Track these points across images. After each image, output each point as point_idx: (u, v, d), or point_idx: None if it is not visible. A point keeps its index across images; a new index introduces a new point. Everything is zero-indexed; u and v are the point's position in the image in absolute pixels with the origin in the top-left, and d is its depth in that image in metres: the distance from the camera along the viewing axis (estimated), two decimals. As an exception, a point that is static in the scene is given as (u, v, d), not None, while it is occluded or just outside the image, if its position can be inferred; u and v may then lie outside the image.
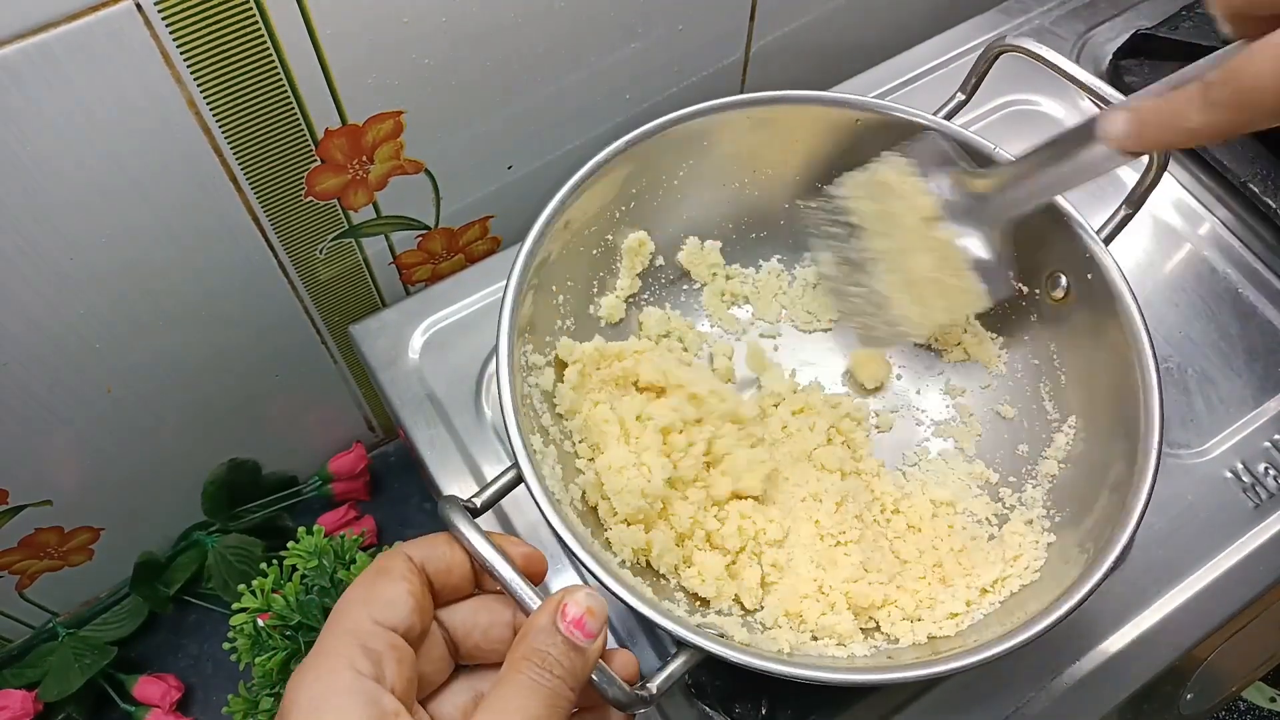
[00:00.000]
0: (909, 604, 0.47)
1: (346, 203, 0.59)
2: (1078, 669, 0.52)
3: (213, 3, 0.44)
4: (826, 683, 0.40)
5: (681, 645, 0.39)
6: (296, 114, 0.51)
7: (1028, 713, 0.51)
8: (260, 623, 0.55)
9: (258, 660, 0.55)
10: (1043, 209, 0.48)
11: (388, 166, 0.58)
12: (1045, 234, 0.51)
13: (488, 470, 0.57)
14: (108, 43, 0.43)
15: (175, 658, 0.72)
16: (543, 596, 0.36)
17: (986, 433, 0.54)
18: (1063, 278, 0.51)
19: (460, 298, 0.63)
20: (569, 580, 0.53)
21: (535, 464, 0.43)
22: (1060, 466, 0.50)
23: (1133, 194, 0.50)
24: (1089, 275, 0.49)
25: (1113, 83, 0.68)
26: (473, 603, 0.39)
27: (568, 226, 0.50)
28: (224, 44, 0.46)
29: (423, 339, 0.61)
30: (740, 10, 0.65)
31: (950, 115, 0.53)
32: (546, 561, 0.40)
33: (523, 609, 0.36)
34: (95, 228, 0.50)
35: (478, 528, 0.38)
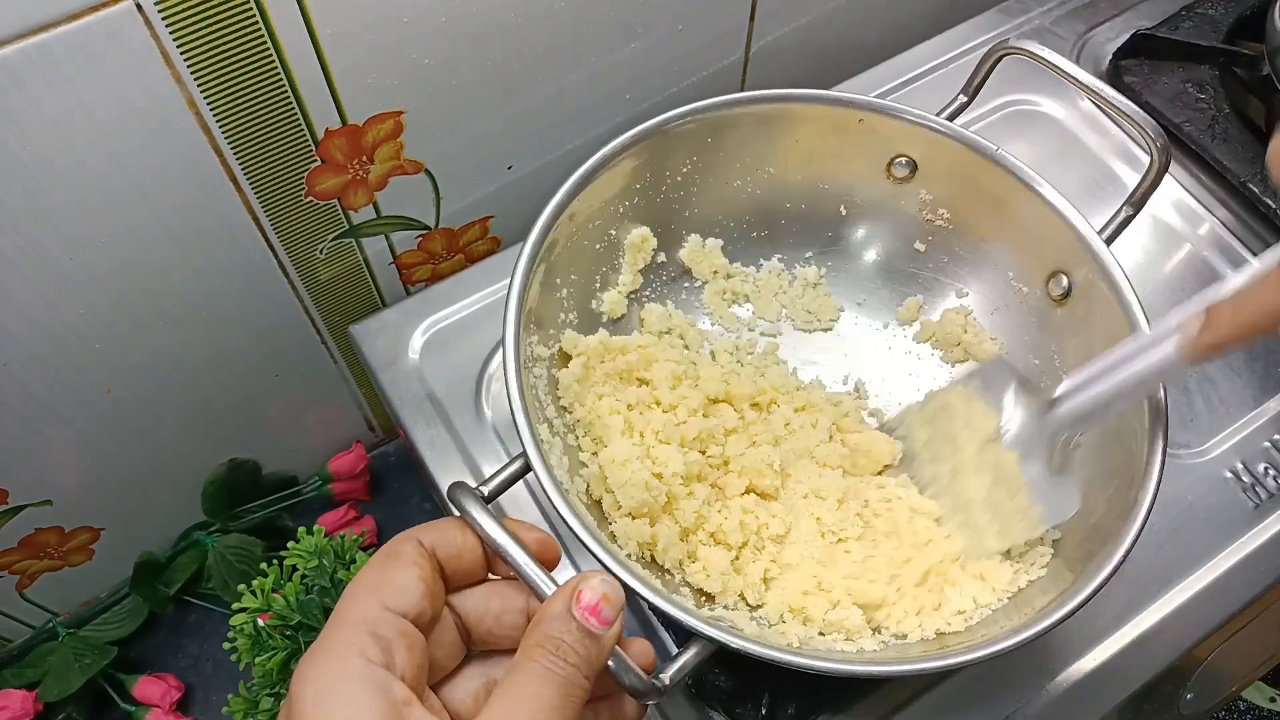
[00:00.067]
0: (912, 602, 0.47)
1: (346, 203, 0.59)
2: (1078, 669, 0.52)
3: (213, 3, 0.44)
4: (838, 674, 0.40)
5: (693, 636, 0.39)
6: (296, 114, 0.51)
7: (1028, 713, 0.51)
8: (260, 623, 0.55)
9: (258, 660, 0.55)
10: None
11: (388, 166, 0.58)
12: (1049, 235, 0.51)
13: (488, 470, 0.57)
14: (108, 43, 0.43)
15: (175, 658, 0.72)
16: (557, 582, 0.35)
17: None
18: (1064, 278, 0.51)
19: (460, 298, 0.63)
20: (574, 574, 0.53)
21: (543, 453, 0.43)
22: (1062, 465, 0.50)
23: (1134, 194, 0.50)
24: (1090, 275, 0.49)
25: (1113, 83, 0.68)
26: (485, 588, 0.38)
27: (573, 219, 0.50)
28: (224, 44, 0.46)
29: (423, 339, 0.61)
30: (740, 10, 0.65)
31: (953, 117, 0.53)
32: (560, 548, 0.39)
33: (537, 595, 0.35)
34: (95, 228, 0.50)
35: (490, 513, 0.37)
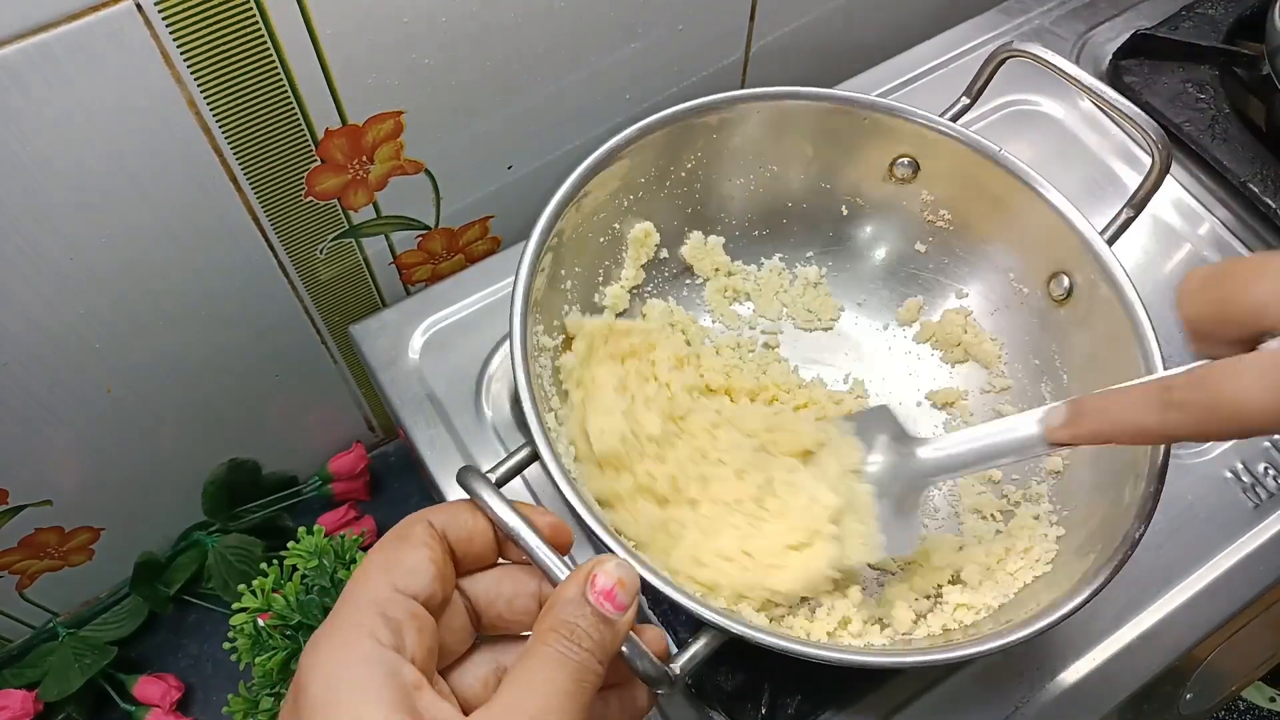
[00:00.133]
0: (918, 596, 0.47)
1: (346, 203, 0.59)
2: (1078, 668, 0.52)
3: (213, 3, 0.44)
4: (847, 664, 0.40)
5: (702, 627, 0.39)
6: (296, 114, 0.51)
7: (1028, 712, 0.51)
8: (260, 623, 0.55)
9: (258, 660, 0.55)
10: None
11: (388, 166, 0.58)
12: (1051, 235, 0.51)
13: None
14: (108, 43, 0.43)
15: (175, 658, 0.72)
16: (570, 566, 0.35)
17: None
18: (1065, 278, 0.51)
19: (460, 298, 0.63)
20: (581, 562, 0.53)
21: (550, 440, 0.42)
22: (1064, 463, 0.50)
23: (1134, 196, 0.50)
24: (1092, 275, 0.49)
25: (1113, 83, 0.69)
26: (496, 572, 0.37)
27: (579, 210, 0.50)
28: (224, 44, 0.46)
29: (423, 339, 0.61)
30: (740, 10, 0.65)
31: (955, 119, 0.53)
32: (572, 532, 0.38)
33: (550, 579, 0.35)
34: (95, 228, 0.50)
35: (502, 496, 0.36)
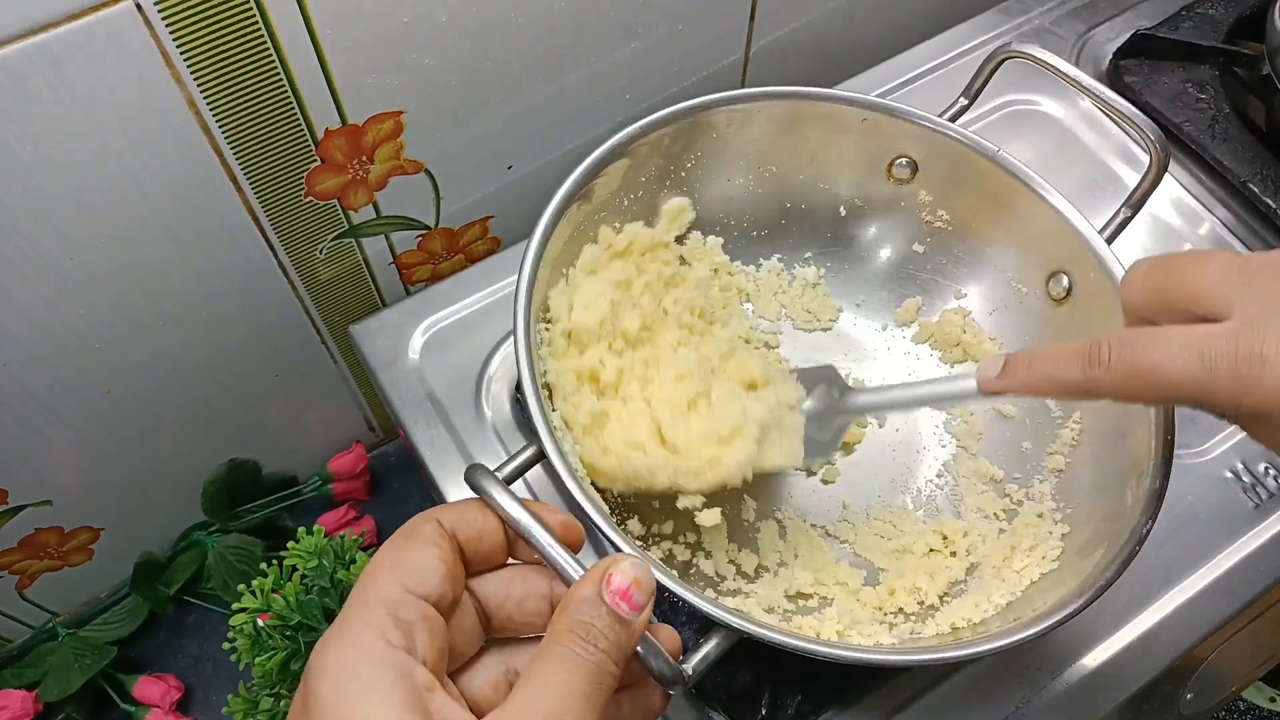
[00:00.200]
0: (924, 596, 0.47)
1: (346, 203, 0.59)
2: (1078, 669, 0.52)
3: (213, 3, 0.44)
4: (859, 663, 0.40)
5: (714, 627, 0.38)
6: (296, 114, 0.51)
7: (1028, 712, 0.51)
8: (260, 623, 0.55)
9: (258, 660, 0.55)
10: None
11: (388, 166, 0.58)
12: (1049, 235, 0.51)
13: (488, 470, 0.57)
14: (108, 43, 0.43)
15: (175, 658, 0.72)
16: (584, 566, 0.34)
17: (988, 431, 0.54)
18: (1065, 277, 0.51)
19: (460, 298, 0.63)
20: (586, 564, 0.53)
21: (557, 440, 0.42)
22: (1067, 461, 0.50)
23: (1132, 195, 0.51)
24: (1091, 274, 0.49)
25: (1113, 83, 0.68)
26: (506, 572, 0.37)
27: (580, 208, 0.50)
28: (224, 44, 0.46)
29: (423, 339, 0.61)
30: (740, 10, 0.65)
31: (953, 120, 0.53)
32: (583, 530, 0.38)
33: (563, 579, 0.34)
34: (95, 228, 0.50)
35: (512, 494, 0.36)
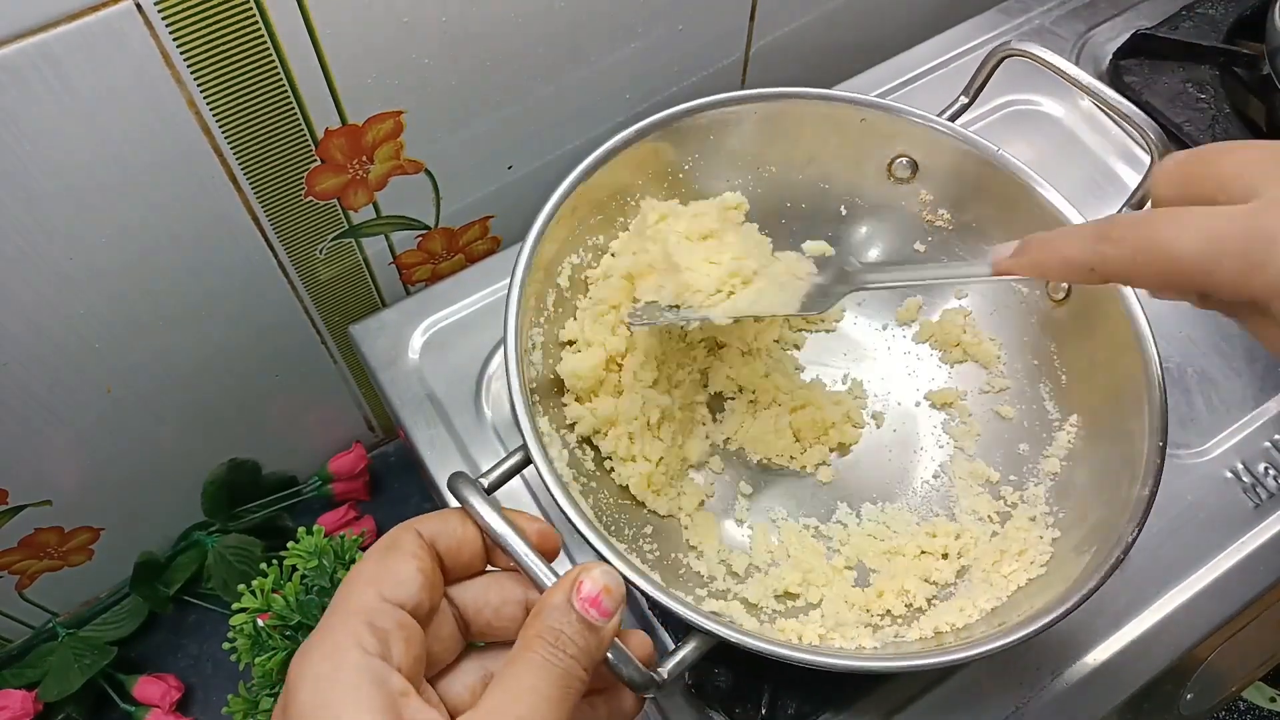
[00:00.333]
0: (911, 599, 0.47)
1: (346, 203, 0.59)
2: (1078, 668, 0.52)
3: (213, 3, 0.44)
4: (834, 669, 0.40)
5: (691, 631, 0.39)
6: (296, 114, 0.51)
7: (1028, 712, 0.51)
8: (260, 623, 0.55)
9: (258, 660, 0.55)
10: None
11: (388, 166, 0.58)
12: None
13: (488, 470, 0.57)
14: (108, 43, 0.43)
15: (175, 658, 0.72)
16: (557, 573, 0.35)
17: (986, 433, 0.54)
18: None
19: (460, 298, 0.63)
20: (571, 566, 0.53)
21: (544, 444, 0.43)
22: (1062, 464, 0.50)
23: (1133, 195, 0.51)
24: (1090, 275, 0.49)
25: (1113, 83, 0.68)
26: (484, 580, 0.38)
27: (574, 213, 0.50)
28: (224, 44, 0.46)
29: (423, 339, 0.61)
30: (740, 10, 0.65)
31: (954, 118, 0.53)
32: (560, 539, 0.39)
33: (537, 586, 0.35)
34: (95, 228, 0.50)
35: (491, 502, 0.37)
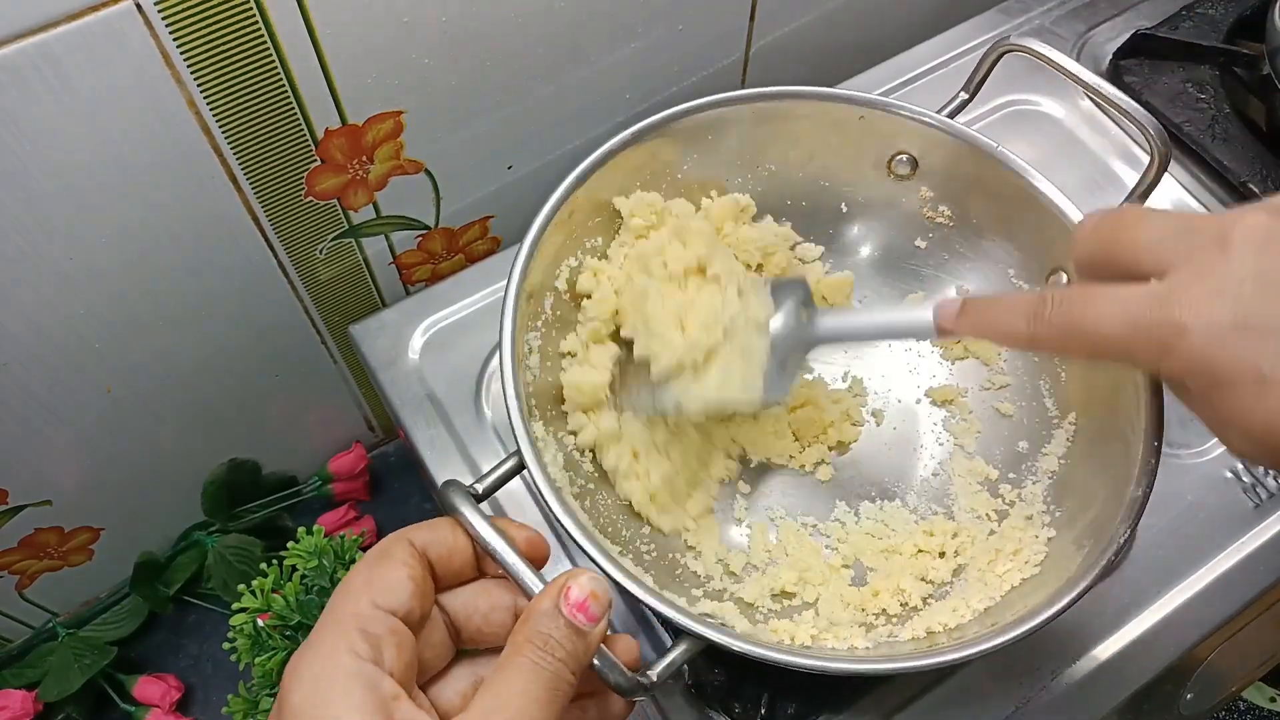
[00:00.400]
0: (907, 598, 0.47)
1: (346, 203, 0.59)
2: (1078, 668, 0.52)
3: (213, 3, 0.44)
4: (824, 671, 0.40)
5: (682, 634, 0.39)
6: (296, 114, 0.51)
7: (1028, 712, 0.51)
8: (260, 623, 0.55)
9: (258, 660, 0.55)
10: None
11: (388, 166, 0.58)
12: (1049, 232, 0.51)
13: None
14: (108, 43, 0.43)
15: (175, 658, 0.72)
16: (545, 580, 0.36)
17: (986, 430, 0.54)
18: (1064, 275, 0.51)
19: (460, 298, 0.63)
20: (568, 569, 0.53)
21: (537, 450, 0.43)
22: (1060, 463, 0.50)
23: (1134, 192, 0.50)
24: (1089, 273, 0.49)
25: (1113, 83, 0.68)
26: (474, 587, 0.39)
27: (571, 218, 0.50)
28: (224, 44, 0.46)
29: (423, 339, 0.61)
30: (740, 10, 0.65)
31: (954, 114, 0.53)
32: (548, 545, 0.40)
33: (525, 592, 0.36)
34: (95, 228, 0.50)
35: (480, 511, 0.37)
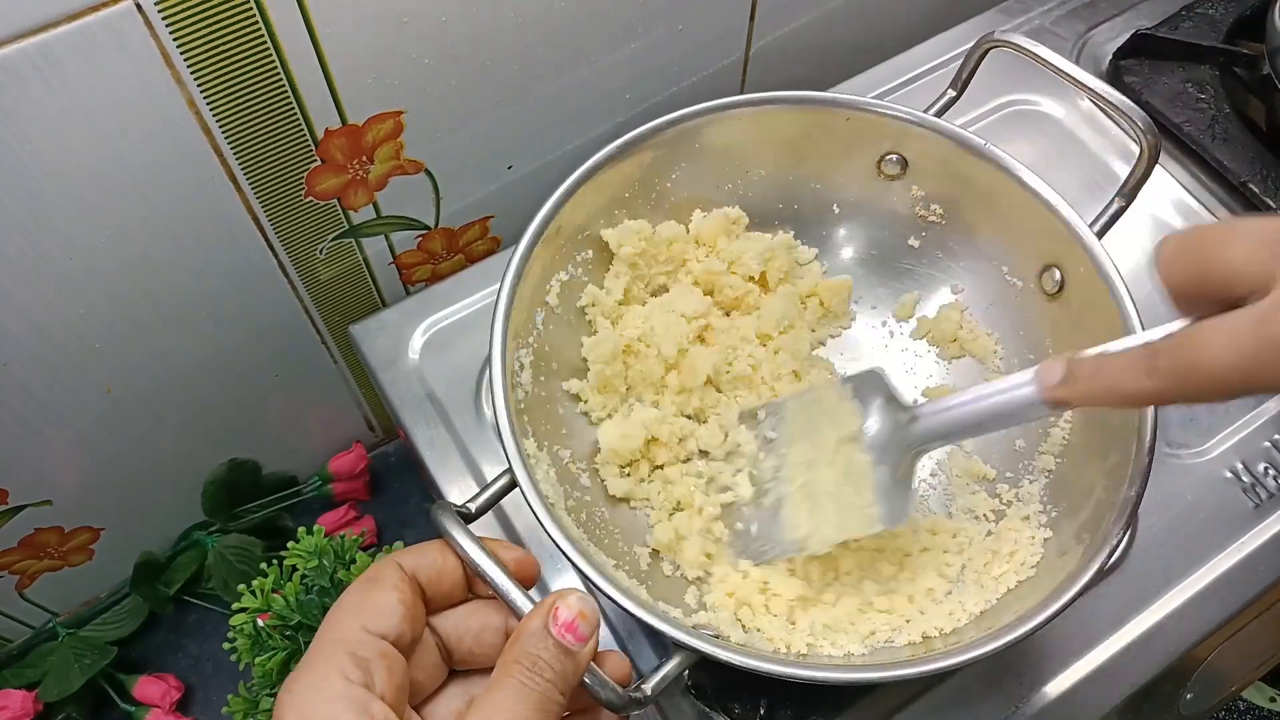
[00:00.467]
0: (904, 602, 0.47)
1: (346, 203, 0.59)
2: (1078, 668, 0.52)
3: (213, 3, 0.44)
4: (819, 681, 0.40)
5: (677, 646, 0.39)
6: (296, 114, 0.51)
7: (1028, 712, 0.51)
8: (260, 623, 0.55)
9: (258, 660, 0.55)
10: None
11: (388, 166, 0.58)
12: (1040, 228, 0.50)
13: (488, 470, 0.57)
14: (108, 43, 0.43)
15: (175, 658, 0.72)
16: (534, 600, 0.36)
17: (985, 429, 0.54)
18: (1057, 271, 0.51)
19: (460, 298, 0.63)
20: (566, 582, 0.53)
21: (529, 468, 0.43)
22: (1057, 461, 0.50)
23: (1124, 186, 0.50)
24: (1081, 269, 0.49)
25: (1113, 83, 0.68)
26: (465, 608, 0.39)
27: (560, 232, 0.50)
28: (224, 44, 0.46)
29: (423, 339, 0.61)
30: (740, 10, 0.66)
31: (941, 112, 0.53)
32: (538, 565, 0.40)
33: (514, 613, 0.36)
34: (95, 228, 0.50)
35: (469, 533, 0.38)
